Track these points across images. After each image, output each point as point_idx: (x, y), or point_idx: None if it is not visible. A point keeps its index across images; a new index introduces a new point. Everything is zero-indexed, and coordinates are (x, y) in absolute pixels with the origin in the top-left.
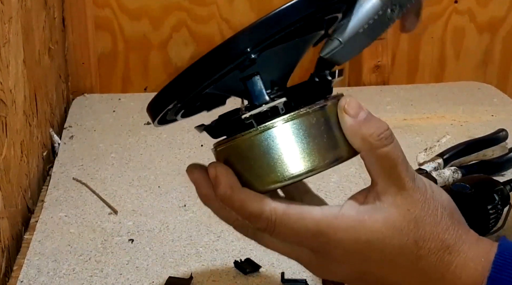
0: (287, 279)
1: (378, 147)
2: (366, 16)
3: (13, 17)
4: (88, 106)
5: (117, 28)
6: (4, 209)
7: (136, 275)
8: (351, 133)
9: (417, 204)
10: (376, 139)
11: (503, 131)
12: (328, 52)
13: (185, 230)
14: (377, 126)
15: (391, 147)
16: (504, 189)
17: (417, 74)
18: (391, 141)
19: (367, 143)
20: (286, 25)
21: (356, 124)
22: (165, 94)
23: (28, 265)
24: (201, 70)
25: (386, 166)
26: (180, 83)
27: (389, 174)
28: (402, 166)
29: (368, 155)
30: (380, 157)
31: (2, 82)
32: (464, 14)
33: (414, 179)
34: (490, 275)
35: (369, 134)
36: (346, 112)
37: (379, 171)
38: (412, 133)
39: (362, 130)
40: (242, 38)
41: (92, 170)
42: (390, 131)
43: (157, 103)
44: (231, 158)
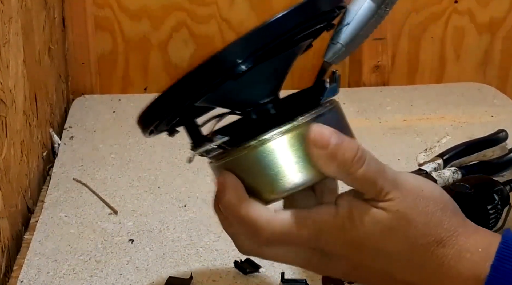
0: (287, 279)
1: (354, 171)
2: (364, 19)
3: (13, 17)
4: (88, 107)
5: (117, 28)
6: (4, 209)
7: (136, 275)
8: (324, 166)
9: (404, 205)
10: (350, 164)
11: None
12: (332, 56)
13: (185, 230)
14: (349, 150)
15: (366, 165)
16: (504, 189)
17: (417, 74)
18: (364, 160)
19: (343, 171)
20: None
21: (328, 156)
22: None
23: (28, 265)
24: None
25: (365, 184)
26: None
27: (371, 189)
28: (381, 178)
29: (346, 180)
30: (358, 179)
31: (2, 82)
32: (464, 14)
33: (397, 185)
34: (493, 264)
35: (343, 162)
36: (315, 145)
37: (362, 189)
38: (412, 134)
39: (336, 161)
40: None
41: (92, 170)
42: (361, 149)
43: (144, 120)
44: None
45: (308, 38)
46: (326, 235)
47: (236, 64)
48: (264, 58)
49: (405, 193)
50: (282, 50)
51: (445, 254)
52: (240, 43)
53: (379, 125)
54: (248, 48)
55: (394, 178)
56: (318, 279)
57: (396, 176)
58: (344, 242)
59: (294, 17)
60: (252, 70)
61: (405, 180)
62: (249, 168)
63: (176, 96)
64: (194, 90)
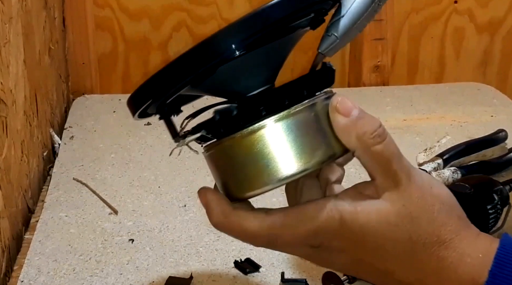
0: (287, 279)
1: (372, 144)
2: (359, 12)
3: (14, 18)
4: (89, 107)
5: (117, 28)
6: (4, 209)
7: (136, 275)
8: (344, 133)
9: (412, 200)
10: (370, 138)
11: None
12: (326, 47)
13: (185, 230)
14: (370, 124)
15: (385, 144)
16: (504, 189)
17: (417, 74)
18: (384, 138)
19: (361, 142)
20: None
21: (349, 124)
22: (141, 93)
23: (29, 265)
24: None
25: (381, 163)
26: (155, 83)
27: (385, 170)
28: (397, 162)
29: (363, 154)
30: (375, 154)
31: (2, 83)
32: (464, 14)
33: (410, 175)
34: (491, 270)
35: (363, 133)
36: (338, 111)
37: (375, 168)
38: (412, 133)
39: (355, 130)
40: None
41: (92, 170)
42: (383, 128)
43: (134, 101)
44: (220, 161)
45: (304, 26)
46: (325, 230)
47: (230, 48)
48: (258, 44)
49: (416, 185)
50: (276, 37)
51: (446, 256)
52: (234, 27)
53: None
54: (242, 32)
55: (409, 167)
56: (318, 279)
57: (410, 167)
58: (344, 237)
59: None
60: (246, 56)
61: (418, 174)
62: (242, 157)
63: (169, 78)
64: (187, 72)
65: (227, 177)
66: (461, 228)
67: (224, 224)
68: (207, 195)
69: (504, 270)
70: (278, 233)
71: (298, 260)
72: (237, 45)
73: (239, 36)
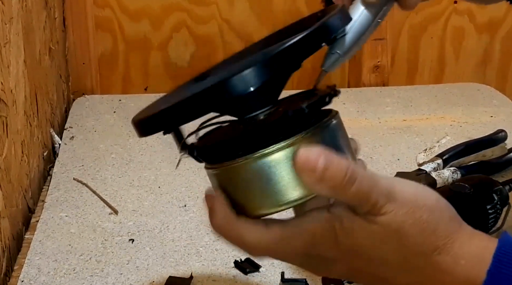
0: (287, 279)
1: (345, 192)
2: (361, 29)
3: (14, 18)
4: (89, 107)
5: (117, 28)
6: (4, 209)
7: (137, 274)
8: (315, 189)
9: (397, 219)
10: (340, 186)
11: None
12: (330, 65)
13: (185, 230)
14: (336, 173)
15: (358, 183)
16: (503, 189)
17: (416, 74)
18: (354, 180)
19: (334, 192)
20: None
21: (316, 180)
22: (153, 123)
23: (29, 264)
24: (190, 108)
25: (359, 200)
26: (171, 117)
27: (365, 204)
28: (375, 193)
29: (340, 199)
30: (351, 197)
31: (3, 83)
32: (464, 14)
33: (391, 195)
34: (489, 269)
35: (332, 185)
36: (303, 171)
37: (355, 204)
38: (412, 134)
39: (325, 184)
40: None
41: (92, 170)
42: (352, 168)
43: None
44: (225, 181)
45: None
46: (321, 241)
47: (246, 92)
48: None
49: (399, 204)
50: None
51: (440, 261)
52: (250, 74)
53: (378, 126)
54: (258, 79)
55: (389, 190)
56: (318, 279)
57: (391, 186)
58: (337, 249)
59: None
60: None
61: (401, 189)
62: (243, 181)
63: (177, 116)
64: (198, 111)
65: (232, 196)
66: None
67: (225, 229)
68: (213, 199)
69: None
70: (276, 247)
71: None
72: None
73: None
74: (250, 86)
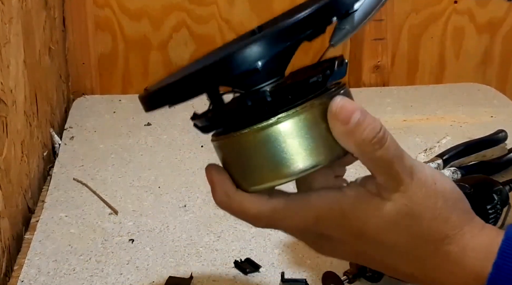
0: (287, 279)
1: (371, 151)
2: (372, 6)
3: (14, 18)
4: (89, 108)
5: (117, 28)
6: (4, 209)
7: (137, 275)
8: (342, 140)
9: (414, 199)
10: (368, 145)
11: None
12: (338, 40)
13: (185, 230)
14: (368, 131)
15: (385, 149)
16: (503, 189)
17: (416, 74)
18: (384, 143)
19: (360, 149)
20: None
21: (347, 131)
22: (160, 96)
23: (29, 265)
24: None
25: (381, 167)
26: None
27: (386, 173)
28: (398, 164)
29: (363, 158)
30: (375, 160)
31: (2, 83)
32: (464, 14)
33: (413, 173)
34: (495, 262)
35: (361, 141)
36: (337, 118)
37: (376, 171)
38: (412, 134)
39: (353, 138)
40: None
41: (92, 170)
42: (383, 131)
43: (151, 102)
44: (229, 154)
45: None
46: (326, 220)
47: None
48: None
49: (418, 183)
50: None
51: (449, 251)
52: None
53: None
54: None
55: (411, 166)
56: (318, 279)
57: (413, 164)
58: (344, 229)
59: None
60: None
61: (421, 170)
62: (254, 151)
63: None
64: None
65: (235, 169)
66: (464, 222)
67: (226, 203)
68: (213, 174)
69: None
70: (279, 217)
71: (298, 260)
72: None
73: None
74: (260, 59)
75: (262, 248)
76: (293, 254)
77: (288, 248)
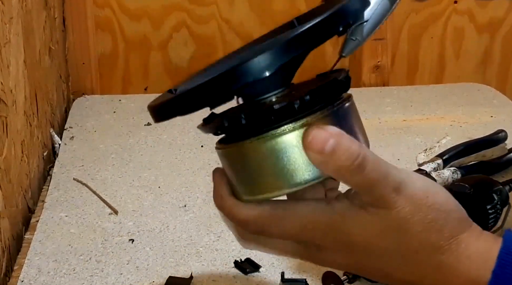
0: (287, 279)
1: (350, 176)
2: (381, 17)
3: (14, 18)
4: (89, 107)
5: (117, 28)
6: (4, 209)
7: (137, 274)
8: (321, 169)
9: (400, 215)
10: (347, 171)
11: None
12: (349, 51)
13: (185, 230)
14: (344, 157)
15: (364, 175)
16: (503, 189)
17: (416, 74)
18: (363, 168)
19: (339, 176)
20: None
21: (322, 161)
22: (171, 107)
23: (29, 264)
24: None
25: (363, 189)
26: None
27: (370, 195)
28: (381, 186)
29: (346, 182)
30: (355, 185)
31: (2, 83)
32: (464, 14)
33: (400, 190)
34: (494, 270)
35: (338, 167)
36: (311, 149)
37: (359, 192)
38: (412, 134)
39: (329, 166)
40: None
41: (92, 170)
42: (362, 157)
43: (162, 113)
44: (230, 161)
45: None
46: (312, 230)
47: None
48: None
49: (406, 199)
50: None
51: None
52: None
53: (378, 126)
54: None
55: (399, 182)
56: (318, 279)
57: (401, 179)
58: (334, 239)
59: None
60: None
61: (411, 185)
62: (257, 161)
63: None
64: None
65: (237, 177)
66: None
67: (220, 206)
68: (215, 176)
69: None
70: (265, 222)
71: (298, 260)
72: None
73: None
74: (267, 69)
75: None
76: None
77: None
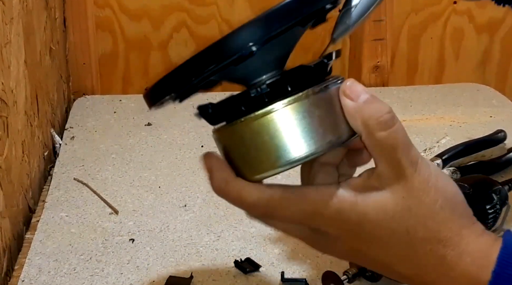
0: (287, 279)
1: (376, 130)
2: (369, 3)
3: (14, 18)
4: (89, 108)
5: (117, 28)
6: (5, 209)
7: (137, 274)
8: (351, 117)
9: (413, 193)
10: (375, 122)
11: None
12: (339, 34)
13: (186, 230)
14: (376, 110)
15: (391, 132)
16: (503, 189)
17: (416, 74)
18: (391, 125)
19: (366, 126)
20: (289, 23)
21: (356, 107)
22: (162, 86)
23: (29, 264)
24: (199, 64)
25: (384, 150)
26: (177, 77)
27: (388, 158)
28: (403, 151)
29: (367, 138)
30: (379, 141)
31: (3, 83)
32: (463, 15)
33: (417, 165)
34: (494, 270)
35: (368, 117)
36: (346, 95)
37: (379, 155)
38: (412, 134)
39: (361, 114)
40: (241, 36)
41: (93, 170)
42: (392, 115)
43: (154, 94)
44: (230, 143)
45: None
46: (322, 215)
47: (247, 48)
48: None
49: (420, 177)
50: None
51: (444, 254)
52: (253, 26)
53: None
54: (262, 32)
55: (417, 159)
56: (318, 279)
57: (419, 158)
58: (341, 226)
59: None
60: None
61: (426, 166)
62: (253, 140)
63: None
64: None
65: (236, 159)
66: (463, 226)
67: (224, 190)
68: (212, 160)
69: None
70: (275, 205)
71: (298, 260)
72: (256, 41)
73: (265, 33)
74: (253, 42)
75: (262, 247)
76: (293, 254)
77: (288, 248)
